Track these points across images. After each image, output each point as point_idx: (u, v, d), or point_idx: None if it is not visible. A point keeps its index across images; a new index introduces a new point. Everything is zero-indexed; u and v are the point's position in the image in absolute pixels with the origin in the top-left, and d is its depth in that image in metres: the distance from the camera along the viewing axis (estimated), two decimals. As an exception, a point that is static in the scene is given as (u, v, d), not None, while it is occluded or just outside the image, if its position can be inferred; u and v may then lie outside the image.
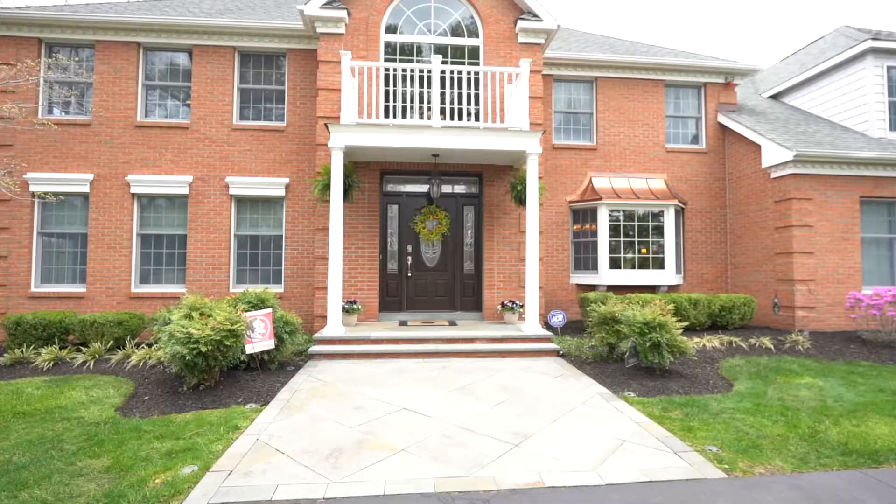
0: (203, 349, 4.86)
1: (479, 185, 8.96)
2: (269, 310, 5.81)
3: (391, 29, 8.89)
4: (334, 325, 7.08)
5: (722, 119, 10.67)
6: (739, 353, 7.25)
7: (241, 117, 9.42)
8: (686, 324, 6.55)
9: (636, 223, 10.10)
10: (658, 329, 5.62)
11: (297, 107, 9.35)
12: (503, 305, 8.23)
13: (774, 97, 12.66)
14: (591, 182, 10.37)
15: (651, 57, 10.56)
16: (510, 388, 5.36)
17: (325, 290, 7.83)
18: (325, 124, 7.19)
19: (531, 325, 7.32)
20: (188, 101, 9.27)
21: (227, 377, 5.59)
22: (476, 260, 8.91)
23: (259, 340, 5.68)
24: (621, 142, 10.55)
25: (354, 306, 7.87)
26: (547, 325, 8.13)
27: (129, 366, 6.39)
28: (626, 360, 5.53)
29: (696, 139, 10.96)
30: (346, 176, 7.69)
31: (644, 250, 10.08)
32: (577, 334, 8.25)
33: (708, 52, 11.07)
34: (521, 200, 8.14)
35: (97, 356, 6.83)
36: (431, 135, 7.31)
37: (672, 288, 10.31)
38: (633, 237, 10.09)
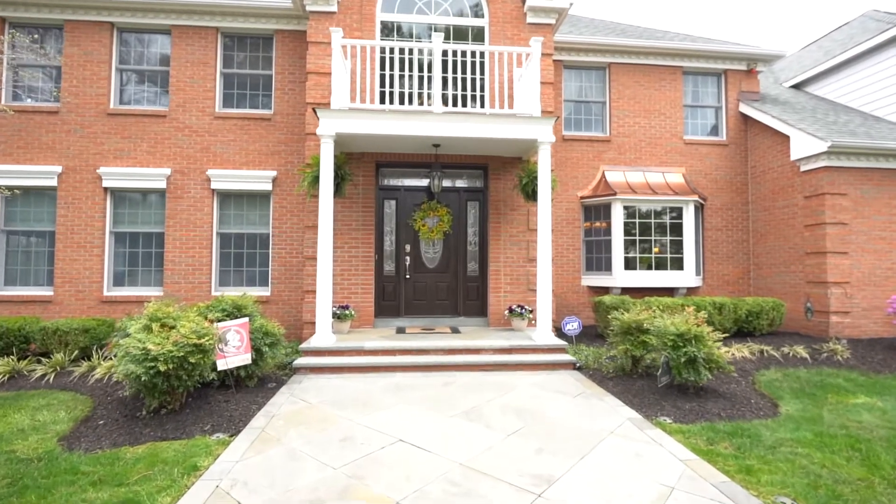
0: (162, 368, 4.10)
1: (485, 179, 8.20)
2: (246, 319, 5.05)
3: (388, 7, 8.11)
4: (323, 334, 6.32)
5: (744, 108, 9.92)
6: (773, 364, 6.52)
7: (225, 105, 8.64)
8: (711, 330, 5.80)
9: (653, 220, 9.35)
10: (693, 342, 4.87)
11: (286, 93, 8.57)
12: (511, 311, 7.48)
13: (796, 87, 11.89)
14: (603, 176, 9.61)
15: (668, 42, 9.79)
16: (525, 411, 4.60)
17: (315, 293, 7.07)
18: (314, 109, 6.43)
19: (543, 333, 6.57)
20: (167, 88, 8.49)
21: (195, 397, 4.84)
22: (481, 260, 8.15)
23: (233, 355, 4.92)
24: (636, 133, 9.79)
25: (347, 312, 7.11)
26: (559, 333, 7.38)
27: (92, 380, 5.64)
28: (659, 378, 4.79)
29: (715, 130, 10.20)
30: (338, 168, 6.93)
31: (660, 250, 9.33)
32: (593, 342, 7.50)
33: (726, 39, 10.29)
34: (530, 195, 7.39)
35: (59, 368, 6.08)
36: (432, 121, 6.55)
37: (691, 290, 9.56)
38: (650, 236, 9.34)
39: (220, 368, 4.84)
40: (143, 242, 8.39)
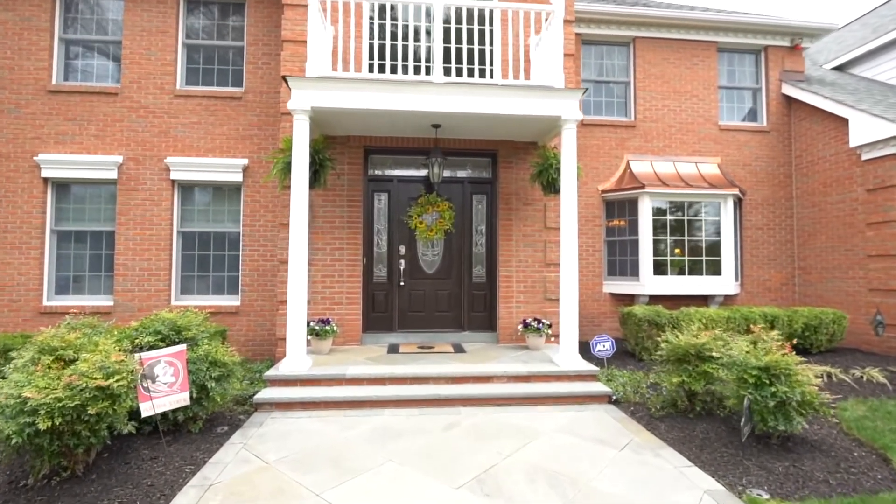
0: (43, 425, 2.84)
1: (493, 168, 6.94)
2: (182, 347, 3.79)
3: (379, -35, 6.84)
4: (295, 357, 5.06)
5: (788, 90, 8.67)
6: (848, 392, 5.29)
7: (188, 81, 7.37)
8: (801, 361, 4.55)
9: (686, 217, 8.11)
10: (783, 378, 3.62)
11: (259, 67, 7.31)
12: (526, 325, 6.23)
13: (838, 69, 10.65)
14: (628, 167, 8.37)
15: (701, 13, 8.55)
16: (559, 477, 3.35)
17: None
18: (284, 77, 5.17)
19: (568, 355, 5.32)
20: (119, 61, 7.21)
21: (113, 452, 3.58)
22: (489, 264, 6.89)
23: (164, 394, 3.66)
24: (665, 117, 8.54)
25: (328, 328, 5.85)
26: (584, 352, 6.11)
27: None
28: (742, 428, 3.54)
29: (753, 115, 8.96)
30: (315, 152, 5.67)
31: (694, 252, 8.09)
32: (624, 363, 6.26)
33: (766, 11, 9.04)
34: (548, 186, 6.14)
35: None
36: (431, 94, 5.29)
37: (728, 299, 8.32)
38: (683, 235, 8.10)
39: (144, 414, 3.57)
40: (91, 243, 7.12)
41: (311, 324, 5.87)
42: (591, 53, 8.63)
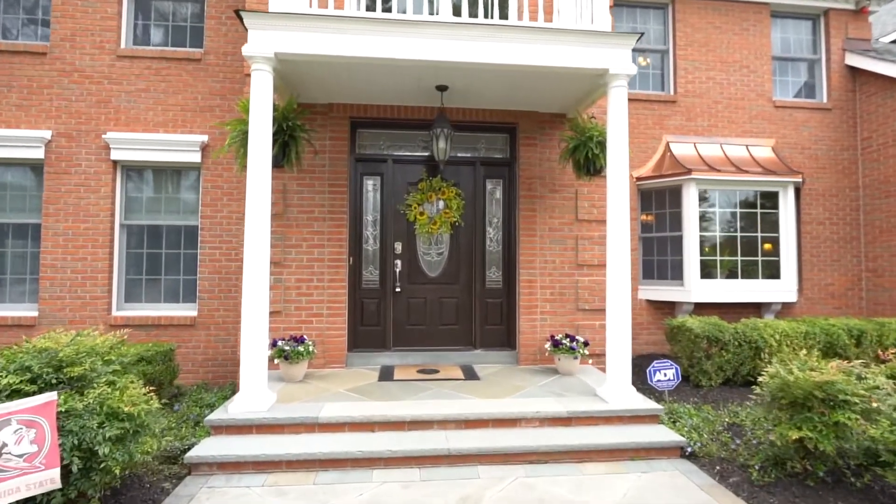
0: None
1: (512, 146, 5.60)
2: (49, 397, 2.42)
3: None
4: (252, 392, 3.71)
5: (853, 60, 7.36)
6: None
7: (135, 40, 6.01)
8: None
9: (738, 210, 6.79)
10: None
11: (223, 23, 5.95)
12: (555, 343, 4.88)
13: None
14: (668, 149, 7.04)
15: (752, -31, 7.24)
16: None
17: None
18: (238, 12, 3.82)
19: (618, 387, 3.99)
20: (48, 14, 5.83)
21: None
22: (506, 266, 5.55)
23: (17, 475, 2.30)
24: (710, 92, 7.22)
25: (301, 348, 4.49)
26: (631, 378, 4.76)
27: None
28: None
29: (811, 91, 7.64)
30: (285, 119, 4.32)
31: (748, 251, 6.77)
32: (677, 390, 4.92)
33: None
34: (584, 166, 4.80)
35: None
36: (436, 37, 3.95)
37: (786, 307, 7.00)
38: (735, 231, 6.78)
39: (-20, 508, 2.22)
40: (12, 238, 5.75)
41: (280, 343, 4.51)
42: (622, 16, 7.29)
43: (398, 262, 5.42)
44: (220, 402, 4.53)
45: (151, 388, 4.04)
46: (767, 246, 6.81)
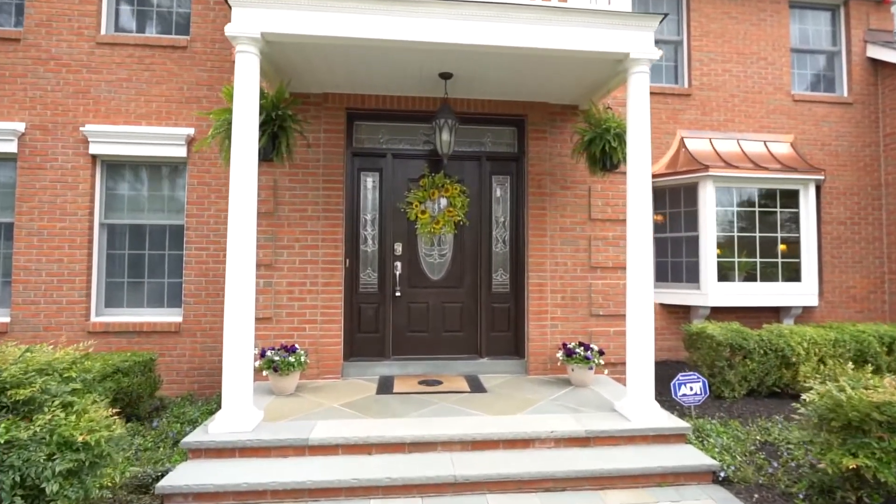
0: None
1: (520, 140, 5.23)
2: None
3: None
4: (235, 410, 3.33)
5: (875, 52, 7.01)
6: None
7: (116, 26, 5.63)
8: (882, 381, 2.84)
9: (757, 209, 6.44)
10: None
11: (211, 9, 5.57)
12: (568, 352, 4.51)
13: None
14: (682, 145, 6.68)
15: (770, -44, 6.89)
16: None
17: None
18: (220, -12, 3.45)
19: (641, 402, 3.62)
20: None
21: None
22: (514, 268, 5.18)
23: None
24: (726, 85, 6.86)
25: (292, 359, 4.11)
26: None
27: None
28: None
29: (831, 84, 7.29)
30: (274, 108, 3.95)
31: (766, 252, 6.42)
32: (704, 407, 4.55)
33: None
34: (599, 160, 4.44)
35: None
36: (439, 18, 3.57)
37: (806, 311, 6.66)
38: (753, 231, 6.42)
39: None
40: (-16, 238, 5.36)
41: (269, 353, 4.14)
42: (633, 6, 6.91)
43: (398, 264, 5.04)
44: (204, 417, 4.15)
45: (121, 407, 3.71)
46: (784, 247, 6.46)
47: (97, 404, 2.64)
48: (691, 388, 3.84)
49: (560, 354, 4.57)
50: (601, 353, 4.51)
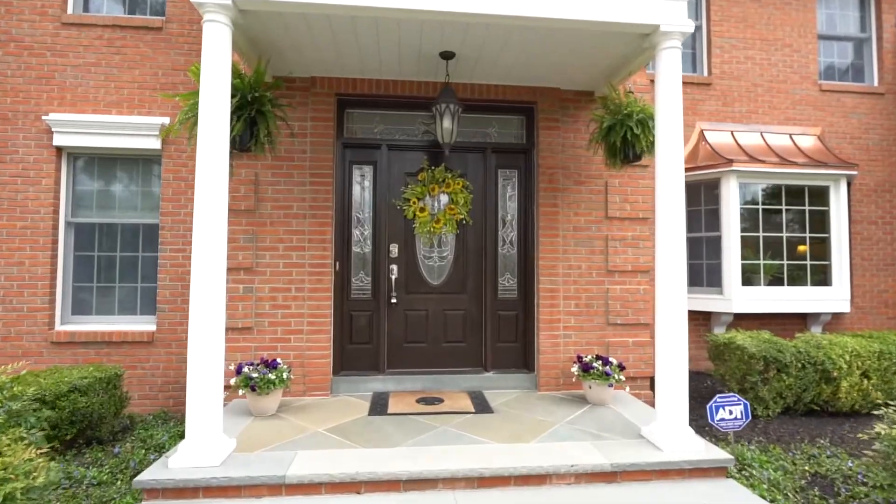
0: None
1: (529, 129, 4.73)
2: None
3: None
4: (201, 441, 2.82)
5: (909, 39, 6.53)
6: None
7: (84, 5, 5.13)
8: None
9: (783, 206, 5.95)
10: None
11: (188, -14, 5.07)
12: (584, 366, 4.02)
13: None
14: (702, 137, 6.19)
15: (795, -65, 6.40)
16: None
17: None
18: (184, -54, 2.95)
19: (675, 430, 3.12)
20: (-17, -26, 4.95)
21: None
22: (523, 272, 4.68)
23: None
24: (749, 73, 6.38)
25: (272, 376, 3.61)
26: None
27: None
28: None
29: (860, 73, 6.81)
30: (252, 89, 3.44)
31: (793, 254, 5.94)
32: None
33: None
34: (619, 151, 3.94)
35: None
36: (442, -17, 3.07)
37: (836, 318, 6.17)
38: (780, 231, 5.94)
39: None
40: (-62, 239, 4.86)
41: (247, 369, 3.64)
42: (648, -12, 6.43)
43: (394, 267, 4.55)
44: (174, 441, 3.65)
45: (79, 430, 3.25)
46: (808, 249, 5.97)
47: (21, 442, 2.14)
48: (730, 411, 3.34)
49: (575, 369, 4.07)
50: (621, 367, 4.02)
